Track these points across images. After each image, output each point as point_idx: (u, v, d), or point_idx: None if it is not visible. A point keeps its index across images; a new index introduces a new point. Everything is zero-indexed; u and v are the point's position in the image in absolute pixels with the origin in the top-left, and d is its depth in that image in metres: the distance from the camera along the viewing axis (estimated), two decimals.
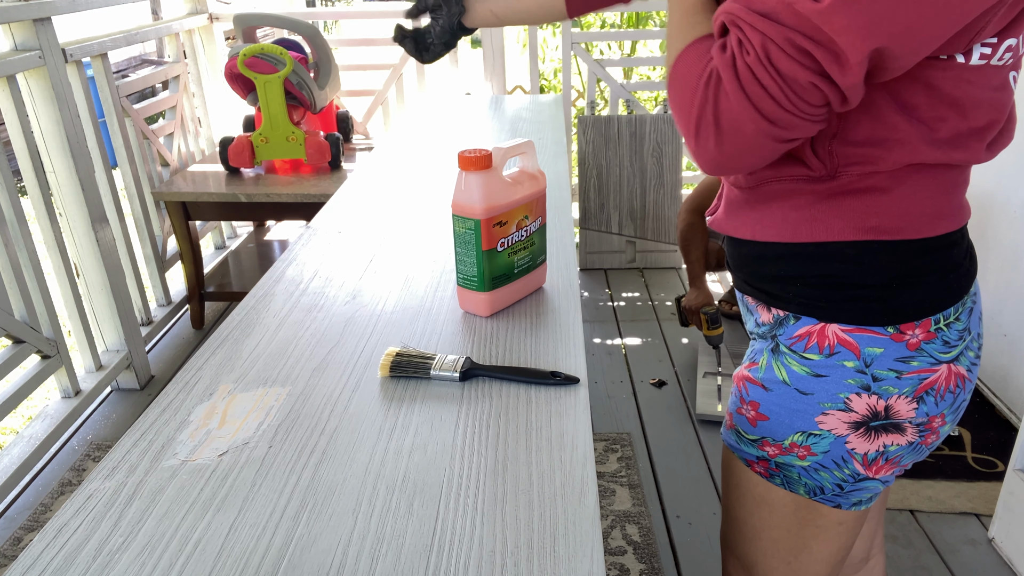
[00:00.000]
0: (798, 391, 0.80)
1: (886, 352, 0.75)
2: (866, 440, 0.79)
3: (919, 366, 0.76)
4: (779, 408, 0.82)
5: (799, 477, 0.84)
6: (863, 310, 0.75)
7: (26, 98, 2.04)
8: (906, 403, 0.77)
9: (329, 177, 2.62)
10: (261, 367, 0.91)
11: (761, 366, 0.84)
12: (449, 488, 0.70)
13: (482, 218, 0.94)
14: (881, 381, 0.76)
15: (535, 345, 0.94)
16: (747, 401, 0.86)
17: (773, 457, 0.84)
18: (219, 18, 3.12)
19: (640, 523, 1.80)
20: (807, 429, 0.80)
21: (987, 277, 2.25)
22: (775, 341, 0.82)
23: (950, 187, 0.74)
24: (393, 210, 1.42)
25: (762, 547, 0.91)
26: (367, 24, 9.33)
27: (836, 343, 0.77)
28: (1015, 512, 1.65)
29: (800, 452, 0.82)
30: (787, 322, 0.80)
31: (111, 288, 2.32)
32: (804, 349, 0.79)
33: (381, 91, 3.26)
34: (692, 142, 0.68)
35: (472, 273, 0.98)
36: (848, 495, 0.83)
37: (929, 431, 0.80)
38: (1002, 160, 2.18)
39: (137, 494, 0.71)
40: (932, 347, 0.76)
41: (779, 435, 0.83)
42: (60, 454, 2.16)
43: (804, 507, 0.85)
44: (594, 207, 3.22)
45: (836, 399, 0.78)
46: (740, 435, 0.88)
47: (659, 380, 2.42)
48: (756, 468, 0.87)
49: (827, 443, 0.80)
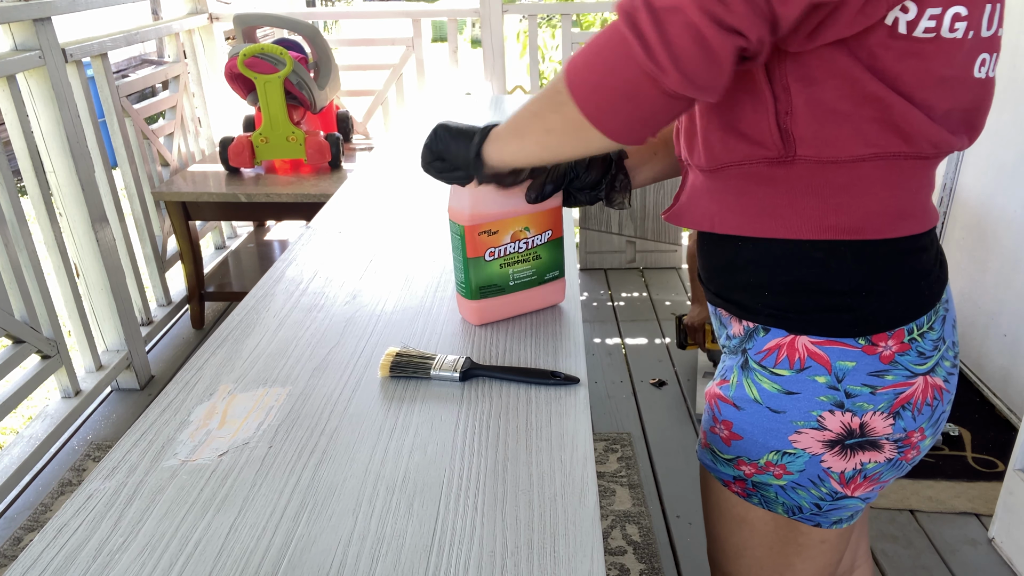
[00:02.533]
0: (770, 410, 0.77)
1: (859, 366, 0.73)
2: (842, 459, 0.77)
3: (894, 380, 0.74)
4: (752, 427, 0.79)
5: (776, 496, 0.81)
6: (833, 320, 0.73)
7: (26, 98, 2.04)
8: (882, 419, 0.75)
9: (329, 177, 2.62)
10: (261, 367, 0.91)
11: (732, 384, 0.81)
12: (449, 488, 0.70)
13: (467, 225, 0.92)
14: (855, 397, 0.74)
15: (535, 345, 0.94)
16: (720, 420, 0.83)
17: (749, 476, 0.82)
18: (219, 18, 3.11)
19: (640, 523, 1.80)
20: (781, 448, 0.78)
21: (987, 277, 2.25)
22: (744, 356, 0.80)
23: (913, 186, 0.71)
24: (393, 210, 1.42)
25: (746, 565, 0.89)
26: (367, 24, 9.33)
27: (806, 356, 0.74)
28: (1015, 512, 1.65)
29: (776, 471, 0.80)
30: (756, 334, 0.78)
31: (111, 288, 2.32)
32: (774, 364, 0.76)
33: (381, 91, 3.26)
34: (632, 60, 0.62)
35: (461, 279, 0.98)
36: (827, 514, 0.81)
37: (908, 447, 0.78)
38: (1002, 160, 2.18)
39: (137, 494, 0.71)
40: (907, 359, 0.74)
41: (753, 454, 0.80)
42: (60, 454, 2.16)
43: (784, 526, 0.83)
44: (594, 207, 3.22)
45: (809, 417, 0.75)
46: (715, 454, 0.86)
47: (659, 380, 2.42)
48: (733, 488, 0.85)
49: (802, 462, 0.78)
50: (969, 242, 2.35)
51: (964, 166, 2.38)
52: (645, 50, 0.61)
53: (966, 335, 2.36)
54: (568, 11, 3.18)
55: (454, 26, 3.19)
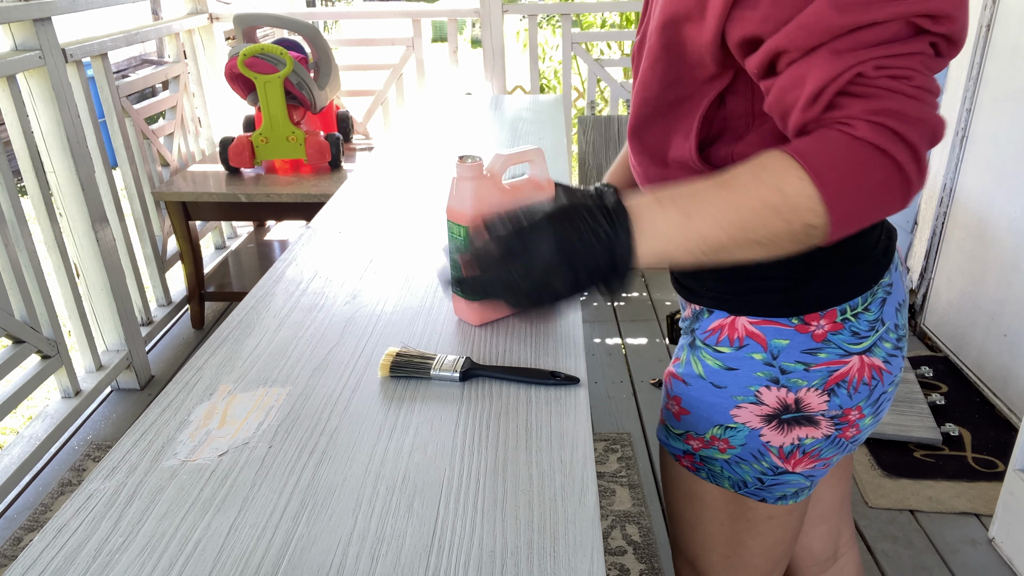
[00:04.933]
0: (712, 384, 0.81)
1: (792, 344, 0.76)
2: (779, 433, 0.80)
3: (827, 358, 0.76)
4: (697, 402, 0.83)
5: (721, 470, 0.85)
6: (767, 302, 0.76)
7: (26, 98, 2.04)
8: (816, 395, 0.77)
9: (329, 177, 2.62)
10: (261, 367, 0.91)
11: (682, 361, 0.85)
12: (449, 488, 0.70)
13: (470, 225, 0.91)
14: (789, 374, 0.77)
15: (535, 345, 0.94)
16: (671, 396, 0.87)
17: (697, 451, 0.86)
18: (219, 18, 3.12)
19: (640, 523, 1.80)
20: (723, 422, 0.82)
21: (987, 277, 2.25)
22: (693, 336, 0.84)
23: None
24: (393, 210, 1.42)
25: (699, 540, 0.92)
26: (367, 24, 9.33)
27: (744, 335, 0.78)
28: (1015, 512, 1.65)
29: (720, 445, 0.83)
30: (702, 316, 0.82)
31: (111, 288, 2.32)
32: (716, 342, 0.80)
33: (381, 91, 3.26)
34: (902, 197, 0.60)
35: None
36: (770, 489, 0.84)
37: (846, 424, 0.80)
38: (1002, 160, 2.18)
39: (137, 494, 0.71)
40: (839, 338, 0.76)
41: (700, 429, 0.84)
42: (60, 454, 2.16)
43: (732, 501, 0.87)
44: None
45: (747, 392, 0.79)
46: (668, 430, 0.90)
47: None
48: (684, 462, 0.89)
49: (743, 436, 0.81)
50: (969, 242, 2.35)
51: (964, 166, 2.38)
52: (905, 186, 0.59)
53: (966, 335, 2.36)
54: (568, 11, 3.18)
55: (454, 26, 3.19)
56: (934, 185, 2.50)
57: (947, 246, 2.47)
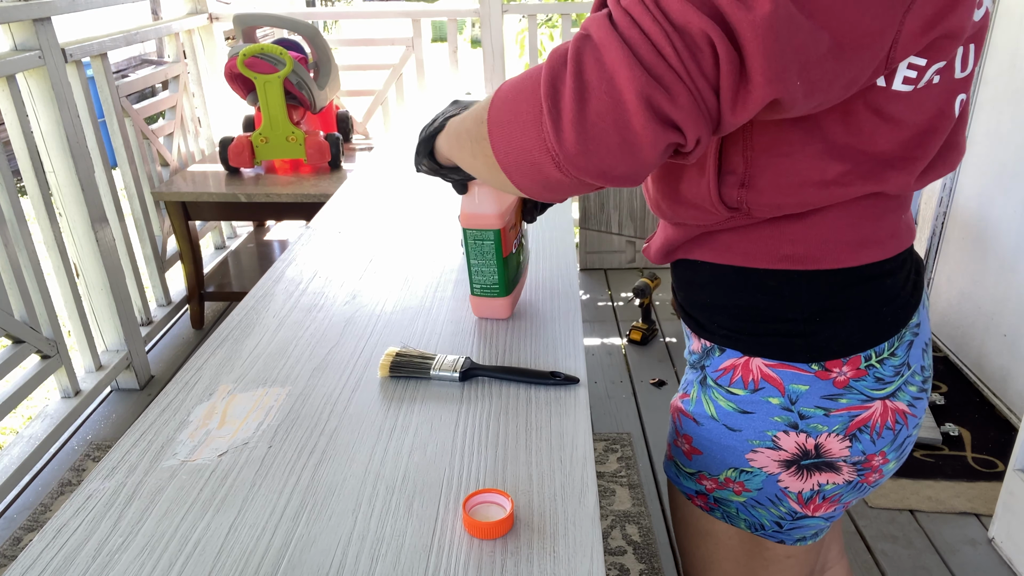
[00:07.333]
0: (726, 427, 0.76)
1: (811, 390, 0.71)
2: (799, 479, 0.75)
3: (848, 403, 0.71)
4: (710, 443, 0.78)
5: (737, 512, 0.80)
6: (784, 346, 0.70)
7: (26, 98, 2.04)
8: (838, 441, 0.72)
9: (329, 177, 2.62)
10: (261, 367, 0.91)
11: (692, 399, 0.80)
12: (449, 488, 0.70)
13: (500, 227, 0.93)
14: (809, 419, 0.72)
15: (535, 345, 0.94)
16: (681, 434, 0.82)
17: (711, 492, 0.81)
18: (219, 18, 3.11)
19: (640, 523, 1.80)
20: (738, 466, 0.77)
21: (987, 277, 2.25)
22: (703, 373, 0.78)
23: (877, 213, 0.67)
24: (393, 210, 1.42)
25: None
26: (367, 24, 9.33)
27: (760, 378, 0.72)
28: (1015, 512, 1.65)
29: (735, 488, 0.78)
30: (713, 353, 0.76)
31: (111, 288, 2.32)
32: (730, 383, 0.75)
33: (381, 91, 3.26)
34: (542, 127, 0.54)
35: (493, 282, 0.97)
36: (789, 532, 0.80)
37: (869, 470, 0.75)
38: (1002, 160, 2.18)
39: (137, 494, 0.71)
40: (863, 384, 0.71)
41: (713, 470, 0.79)
42: (60, 454, 2.16)
43: (749, 540, 0.82)
44: (594, 207, 3.21)
45: (764, 437, 0.74)
46: (679, 468, 0.85)
47: (659, 380, 2.42)
48: (696, 502, 0.84)
49: (760, 480, 0.76)
50: (969, 242, 2.35)
51: (964, 166, 2.38)
52: (555, 128, 0.53)
53: (966, 335, 2.36)
54: (568, 11, 3.18)
55: (454, 26, 3.19)
56: (934, 185, 2.50)
57: (947, 246, 2.47)
